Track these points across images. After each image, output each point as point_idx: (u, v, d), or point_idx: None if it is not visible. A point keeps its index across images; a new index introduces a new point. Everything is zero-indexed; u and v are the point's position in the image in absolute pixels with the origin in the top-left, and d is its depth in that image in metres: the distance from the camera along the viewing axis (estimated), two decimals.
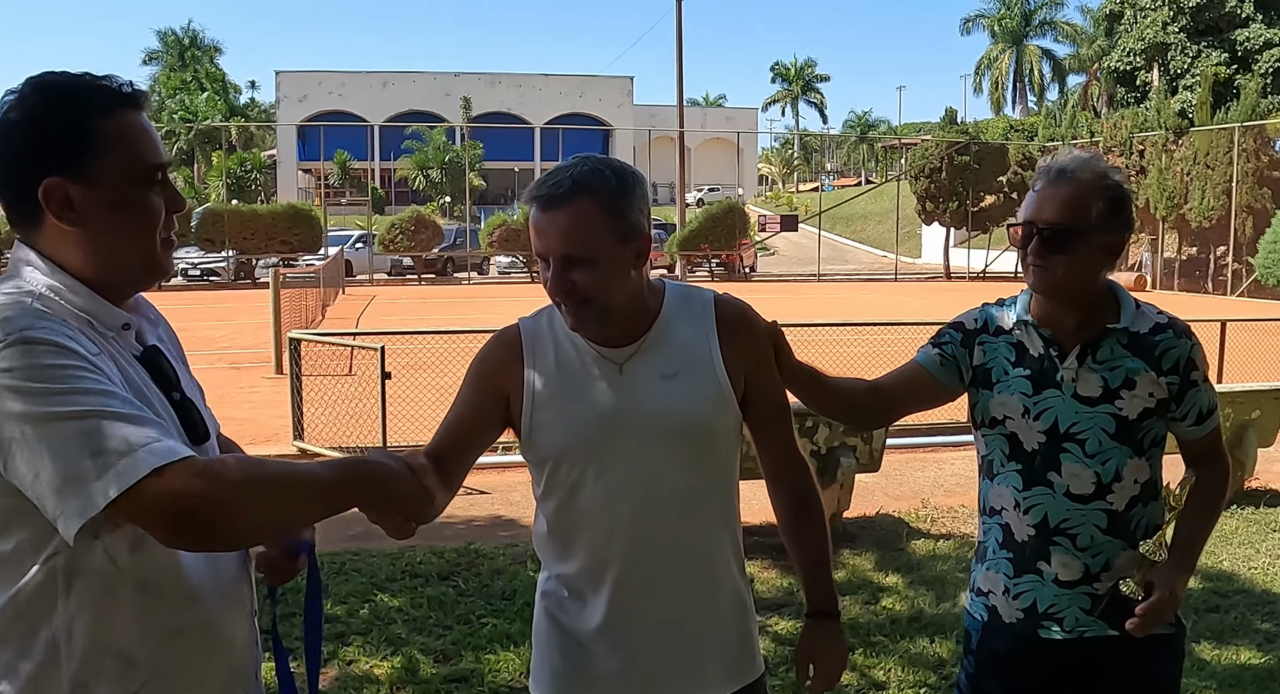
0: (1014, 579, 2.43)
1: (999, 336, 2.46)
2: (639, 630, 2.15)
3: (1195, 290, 34.26)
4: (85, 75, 1.67)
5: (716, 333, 2.18)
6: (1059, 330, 2.39)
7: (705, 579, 2.19)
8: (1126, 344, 2.35)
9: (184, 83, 61.36)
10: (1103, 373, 2.35)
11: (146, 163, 1.67)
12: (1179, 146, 34.43)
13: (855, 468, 6.65)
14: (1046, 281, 2.34)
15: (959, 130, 43.13)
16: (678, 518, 2.13)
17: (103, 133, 1.62)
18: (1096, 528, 2.35)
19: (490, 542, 6.41)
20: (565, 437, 2.11)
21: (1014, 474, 2.41)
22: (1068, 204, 2.30)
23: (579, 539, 2.15)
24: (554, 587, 2.21)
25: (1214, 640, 4.89)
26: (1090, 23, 57.24)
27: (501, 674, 4.49)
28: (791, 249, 49.81)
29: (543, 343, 2.16)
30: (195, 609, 1.70)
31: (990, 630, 2.49)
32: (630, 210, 2.03)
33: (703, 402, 2.13)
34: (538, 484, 2.20)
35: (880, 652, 4.77)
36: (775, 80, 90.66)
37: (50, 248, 1.65)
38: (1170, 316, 2.41)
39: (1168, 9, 40.59)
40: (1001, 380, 2.43)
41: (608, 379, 2.12)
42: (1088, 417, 2.34)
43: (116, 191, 1.64)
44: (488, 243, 39.24)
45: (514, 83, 63.04)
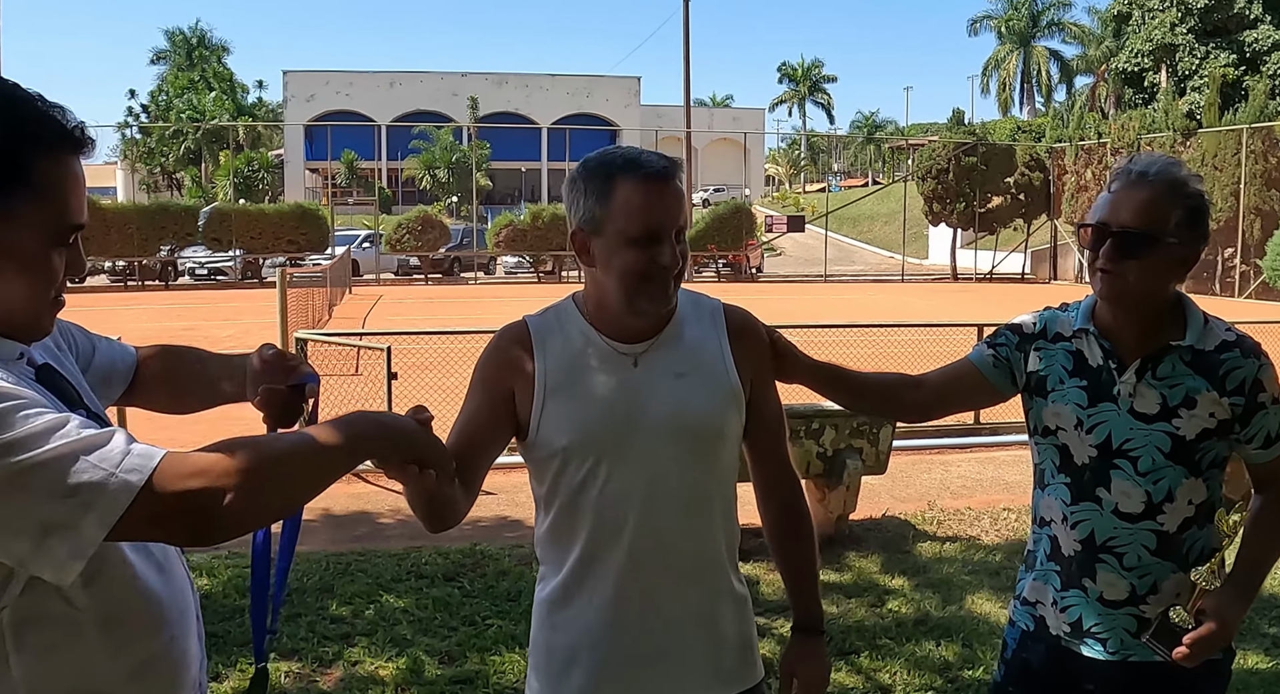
0: (1061, 592, 2.37)
1: (1057, 343, 2.39)
2: (641, 632, 2.13)
3: (1203, 292, 34.14)
4: (39, 100, 1.52)
5: (727, 336, 2.19)
6: (1121, 342, 2.30)
7: (709, 581, 2.18)
8: (1189, 362, 2.25)
9: (192, 82, 61.37)
10: (1162, 390, 2.25)
11: (68, 220, 1.54)
12: (1187, 148, 34.31)
13: (861, 470, 6.63)
14: (1115, 288, 2.24)
15: (966, 131, 43.07)
16: (685, 519, 2.12)
17: (38, 175, 1.48)
18: (1145, 548, 2.26)
19: (496, 543, 6.40)
20: (576, 431, 2.08)
21: (1063, 487, 2.34)
22: (1145, 208, 2.19)
23: (584, 537, 2.12)
24: (553, 592, 2.17)
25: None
26: (1098, 24, 57.11)
27: (506, 676, 4.49)
28: (798, 250, 49.79)
29: (553, 338, 2.14)
30: (161, 634, 1.63)
31: (1031, 641, 2.43)
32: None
33: (715, 402, 2.13)
34: (541, 481, 2.17)
35: (886, 655, 4.76)
36: (782, 81, 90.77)
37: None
38: (1240, 334, 2.29)
39: (1176, 10, 40.48)
40: (1057, 389, 2.35)
41: (621, 374, 2.11)
42: (1143, 434, 2.25)
43: (25, 241, 1.49)
44: (494, 243, 39.28)
45: (521, 83, 63.06)
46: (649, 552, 2.10)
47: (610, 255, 2.05)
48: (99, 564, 1.46)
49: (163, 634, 1.63)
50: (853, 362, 9.26)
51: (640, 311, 2.08)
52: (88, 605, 1.52)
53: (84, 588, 1.49)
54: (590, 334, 2.13)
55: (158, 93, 61.18)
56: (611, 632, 2.13)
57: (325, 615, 5.13)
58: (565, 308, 2.18)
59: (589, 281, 2.16)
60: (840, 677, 4.53)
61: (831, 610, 5.18)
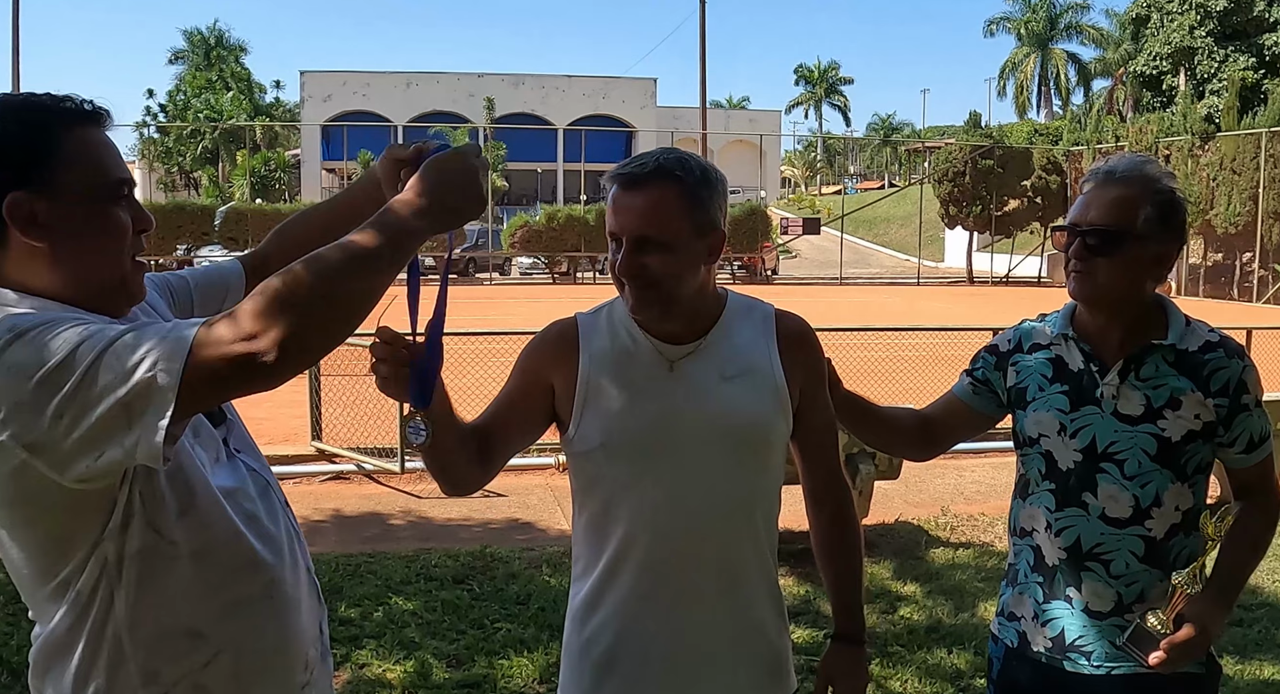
0: (1044, 605, 2.33)
1: (1034, 353, 2.37)
2: (679, 638, 2.11)
3: (1221, 297, 33.98)
4: (45, 94, 1.65)
5: (777, 343, 2.17)
6: (1101, 345, 2.28)
7: (746, 587, 2.15)
8: (1173, 362, 2.23)
9: (209, 82, 61.53)
10: (1146, 391, 2.23)
11: (112, 176, 1.64)
12: (1205, 152, 34.16)
13: (874, 475, 6.59)
14: (1085, 288, 2.23)
15: (983, 134, 42.89)
16: (728, 524, 2.11)
17: (65, 146, 1.60)
18: (1133, 554, 2.22)
19: (506, 545, 6.38)
20: (614, 430, 2.07)
21: (1047, 494, 2.31)
22: (1113, 206, 2.20)
23: (619, 537, 2.10)
24: (587, 592, 2.15)
25: (1237, 655, 4.82)
26: (1116, 26, 56.91)
27: (514, 680, 4.46)
28: (814, 252, 49.71)
29: (598, 336, 2.14)
30: (258, 576, 1.70)
31: (1015, 658, 2.40)
32: (710, 205, 2.04)
33: (763, 406, 2.12)
34: (580, 478, 2.16)
35: (897, 662, 4.72)
36: (799, 83, 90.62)
37: (19, 271, 1.60)
38: (1223, 335, 2.29)
39: (1194, 13, 40.27)
40: (1037, 397, 2.33)
41: (664, 376, 2.10)
42: (1128, 436, 2.22)
43: (82, 204, 1.60)
44: (510, 244, 39.29)
45: (537, 84, 63.02)
46: (693, 555, 2.08)
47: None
48: (189, 496, 1.60)
49: (260, 575, 1.70)
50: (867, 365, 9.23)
51: (633, 313, 2.09)
52: (181, 539, 1.61)
53: (177, 520, 1.60)
54: (635, 334, 2.12)
55: (175, 92, 61.32)
56: (644, 635, 2.11)
57: (334, 617, 5.10)
58: (616, 306, 2.17)
59: None
60: None
61: None
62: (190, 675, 1.66)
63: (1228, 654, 4.81)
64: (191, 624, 1.65)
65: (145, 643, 1.62)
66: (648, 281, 2.01)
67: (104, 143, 1.65)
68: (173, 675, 1.64)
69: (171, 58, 67.81)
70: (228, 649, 1.68)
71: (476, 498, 8.01)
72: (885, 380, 10.74)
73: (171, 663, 1.64)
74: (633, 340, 2.12)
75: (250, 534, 1.69)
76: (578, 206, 42.14)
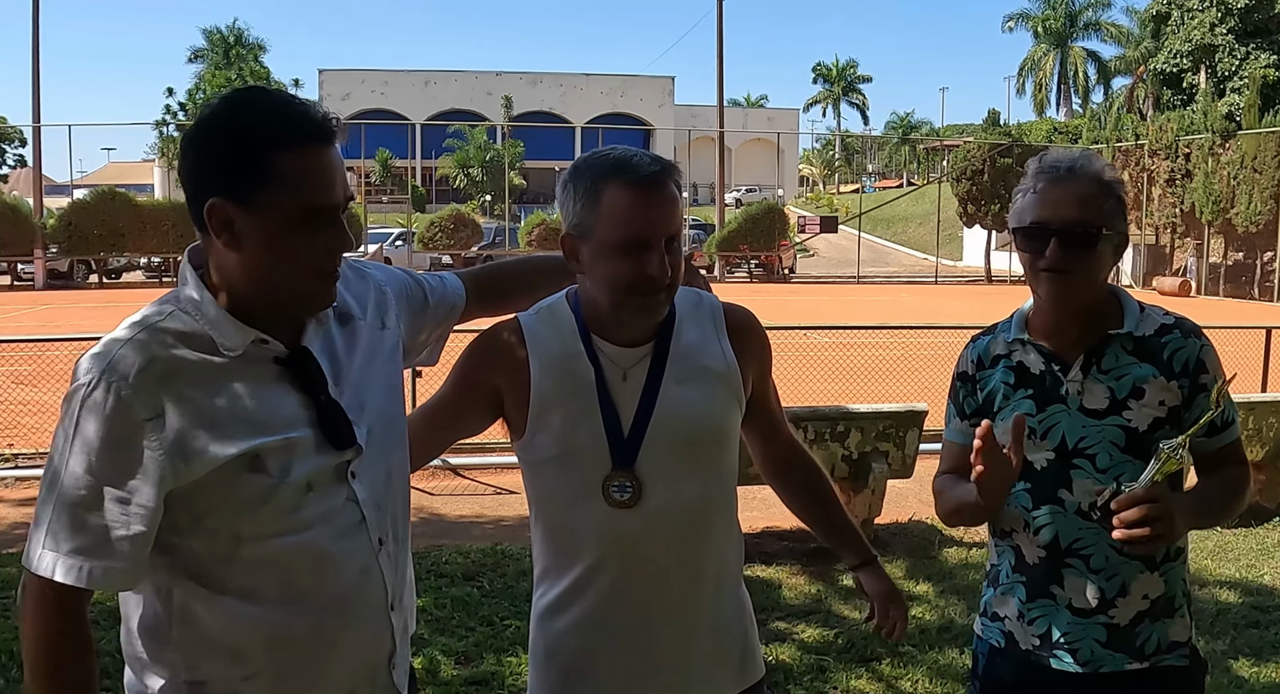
0: (1028, 604, 2.31)
1: (994, 366, 2.35)
2: (647, 642, 2.10)
3: (1241, 296, 33.75)
4: (289, 100, 1.70)
5: (728, 336, 2.14)
6: (1060, 342, 2.26)
7: (713, 588, 2.15)
8: (1132, 350, 2.22)
9: (229, 81, 61.60)
10: (1109, 383, 2.21)
11: (313, 204, 1.67)
12: (1226, 150, 33.91)
13: (888, 473, 6.57)
14: (1069, 289, 2.19)
15: (1001, 132, 42.80)
16: (692, 528, 2.09)
17: (276, 168, 1.63)
18: (1111, 548, 2.19)
19: (518, 543, 6.36)
20: (574, 440, 2.04)
21: (1023, 493, 2.28)
22: (1081, 202, 2.16)
23: (589, 546, 2.08)
24: (554, 601, 2.14)
25: (1253, 657, 4.77)
26: (1136, 24, 56.55)
27: (522, 678, 4.44)
28: (831, 251, 49.58)
29: (547, 340, 2.08)
30: (303, 618, 1.74)
31: (1000, 656, 2.38)
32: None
33: (718, 407, 2.11)
34: (537, 487, 2.14)
35: (908, 662, 4.68)
36: (817, 81, 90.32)
37: (216, 259, 1.71)
38: (1178, 317, 2.28)
39: (1215, 10, 39.99)
40: (1004, 406, 2.31)
41: (618, 384, 2.05)
42: (1096, 430, 2.21)
43: (276, 226, 1.65)
44: (526, 242, 39.33)
45: (555, 82, 63.13)
46: (650, 561, 2.07)
47: (597, 263, 1.98)
48: (234, 545, 1.69)
49: (303, 619, 1.74)
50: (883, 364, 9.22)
51: (628, 323, 2.04)
52: (227, 575, 1.70)
53: (224, 564, 1.70)
54: (587, 339, 2.07)
55: (195, 91, 61.46)
56: (616, 641, 2.10)
57: None
58: (559, 308, 2.12)
59: (581, 286, 2.10)
60: (861, 684, 4.47)
61: (854, 616, 5.12)
62: (224, 680, 1.75)
63: (1244, 656, 4.77)
64: (232, 645, 1.73)
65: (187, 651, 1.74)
66: (671, 283, 1.98)
67: (321, 165, 1.68)
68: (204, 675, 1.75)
69: (191, 56, 68.05)
70: (265, 673, 1.75)
71: (488, 495, 8.02)
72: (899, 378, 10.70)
73: (215, 670, 1.74)
74: (583, 346, 2.07)
75: (307, 575, 1.74)
76: None
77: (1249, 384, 10.87)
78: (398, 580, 1.88)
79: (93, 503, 1.61)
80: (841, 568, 6.04)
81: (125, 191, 37.40)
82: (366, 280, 1.98)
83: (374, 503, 1.82)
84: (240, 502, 1.68)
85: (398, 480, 1.91)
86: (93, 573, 1.61)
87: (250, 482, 1.67)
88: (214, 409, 1.66)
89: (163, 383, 1.63)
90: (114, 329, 1.70)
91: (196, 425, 1.63)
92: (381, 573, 1.83)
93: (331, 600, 1.76)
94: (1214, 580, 5.84)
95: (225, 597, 1.70)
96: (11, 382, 11.58)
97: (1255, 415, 7.36)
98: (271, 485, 1.68)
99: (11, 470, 8.42)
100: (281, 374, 1.73)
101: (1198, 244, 35.94)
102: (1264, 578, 5.94)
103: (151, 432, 1.61)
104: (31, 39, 34.06)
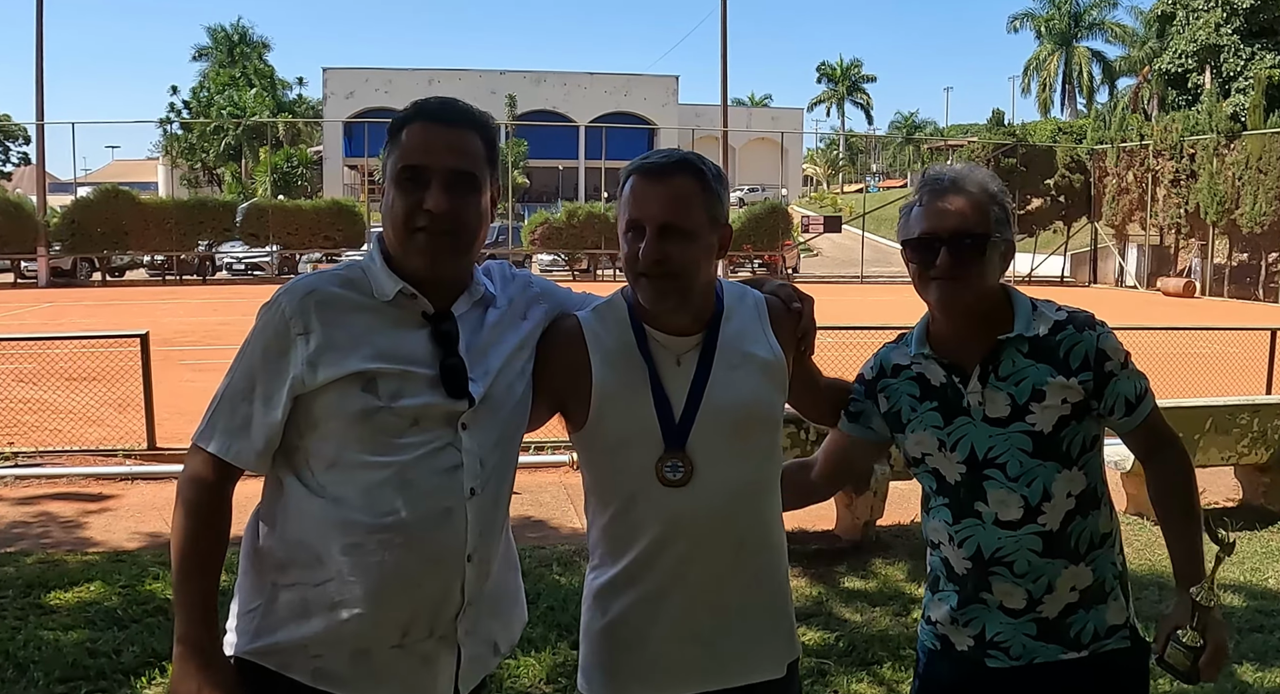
0: (959, 610, 2.36)
1: (899, 375, 2.39)
2: (702, 621, 2.19)
3: (1246, 298, 33.69)
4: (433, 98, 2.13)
5: (770, 323, 2.25)
6: (958, 353, 2.29)
7: (765, 568, 2.25)
8: (1028, 352, 2.25)
9: (233, 79, 61.81)
10: (1008, 389, 2.24)
11: (401, 163, 2.03)
12: (1231, 150, 33.86)
13: (890, 475, 6.53)
14: (963, 296, 2.24)
15: (1006, 132, 42.70)
16: (747, 506, 2.19)
17: (394, 139, 2.05)
18: (1032, 552, 2.25)
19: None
20: (635, 426, 2.14)
21: (944, 509, 2.34)
22: (971, 211, 2.23)
23: (648, 529, 2.16)
24: (609, 579, 2.22)
25: (1258, 662, 4.73)
26: (1141, 24, 56.45)
27: (521, 680, 4.42)
28: (835, 250, 49.56)
29: (604, 335, 2.19)
30: (378, 534, 1.97)
31: (938, 658, 2.42)
32: (723, 200, 2.16)
33: (767, 392, 2.21)
34: (597, 474, 2.23)
35: (909, 665, 4.63)
36: (821, 80, 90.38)
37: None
38: (1071, 311, 2.30)
39: (1220, 10, 39.92)
40: (911, 419, 2.35)
41: (673, 370, 2.17)
42: (1003, 439, 2.24)
43: (385, 183, 2.07)
44: (529, 241, 39.33)
45: (559, 81, 63.08)
46: (707, 540, 2.16)
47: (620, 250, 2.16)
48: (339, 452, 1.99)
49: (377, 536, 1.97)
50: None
51: (647, 307, 2.14)
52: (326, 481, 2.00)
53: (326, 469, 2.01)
54: (642, 330, 2.18)
55: (199, 89, 61.62)
56: (674, 623, 2.19)
57: None
58: (615, 303, 2.24)
59: None
60: (862, 687, 4.44)
61: (855, 618, 5.09)
62: (302, 587, 2.01)
63: (1248, 661, 4.73)
64: (314, 545, 1.99)
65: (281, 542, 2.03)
66: (668, 270, 2.08)
67: (421, 137, 2.03)
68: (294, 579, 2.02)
69: (196, 54, 68.18)
70: (338, 580, 1.98)
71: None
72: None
73: (298, 568, 2.01)
74: (639, 337, 2.18)
75: (391, 497, 1.98)
76: (599, 204, 42.16)
77: (1253, 386, 10.83)
78: (483, 537, 2.06)
79: (247, 395, 2.01)
80: (842, 570, 6.01)
81: (128, 189, 37.43)
82: (518, 281, 2.27)
83: (476, 456, 2.04)
84: (349, 415, 1.97)
85: (506, 450, 2.12)
86: (233, 449, 2.00)
87: (360, 399, 1.97)
88: (352, 336, 1.99)
89: (318, 309, 2.00)
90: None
91: (333, 346, 1.98)
92: (467, 520, 2.02)
93: (408, 526, 1.98)
94: (1218, 585, 5.79)
95: (322, 499, 1.99)
96: (13, 379, 11.57)
97: (1260, 418, 7.32)
98: (377, 407, 1.97)
99: (11, 469, 8.38)
100: (423, 326, 2.05)
101: (1202, 245, 35.89)
102: (1269, 582, 5.90)
103: (300, 345, 1.98)
104: (35, 36, 34.08)
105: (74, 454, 8.93)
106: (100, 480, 8.19)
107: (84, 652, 4.61)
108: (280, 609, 2.02)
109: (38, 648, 4.64)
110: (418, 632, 2.04)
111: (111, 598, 5.32)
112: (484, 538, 2.06)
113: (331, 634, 2.00)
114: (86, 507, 7.46)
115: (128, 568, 5.78)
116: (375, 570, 1.97)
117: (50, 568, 5.82)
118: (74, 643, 4.71)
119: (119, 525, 6.97)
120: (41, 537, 6.71)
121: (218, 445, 2.00)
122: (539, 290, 2.28)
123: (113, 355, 10.52)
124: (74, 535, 6.79)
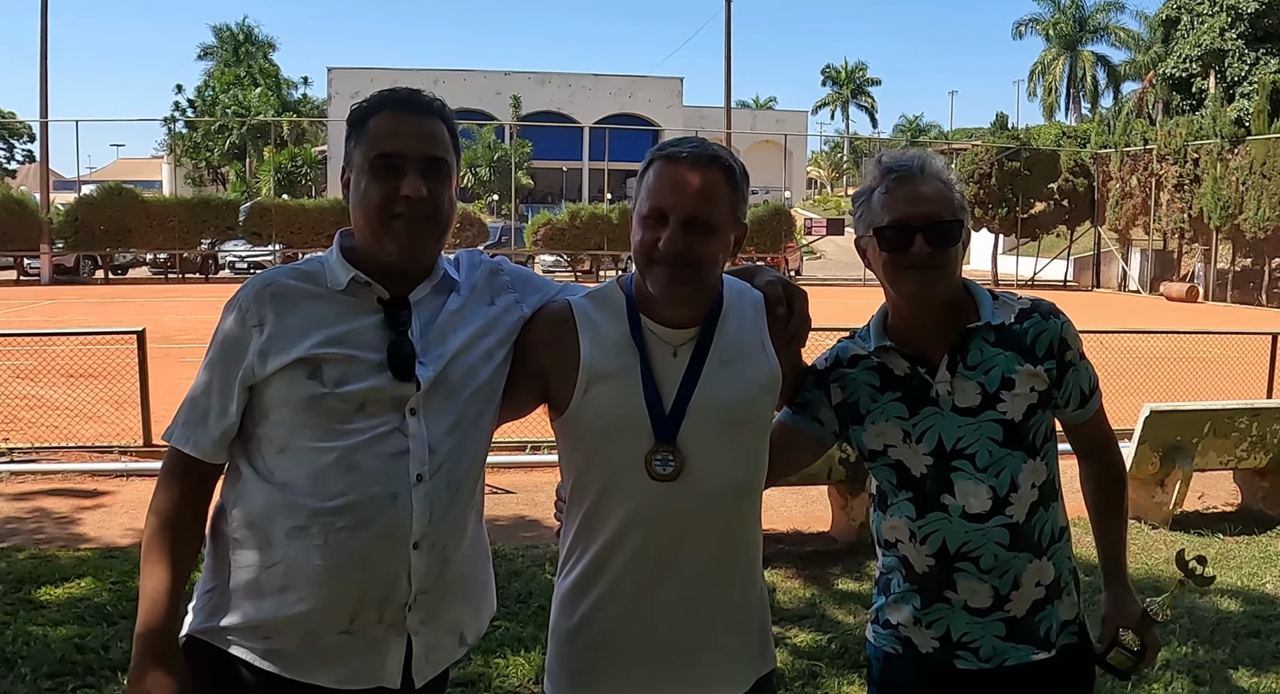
0: (923, 610, 2.29)
1: (856, 366, 2.33)
2: (676, 620, 2.15)
3: (1249, 302, 33.62)
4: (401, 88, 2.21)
5: (766, 324, 2.22)
6: (922, 344, 2.24)
7: (742, 570, 2.20)
8: (995, 340, 2.22)
9: (238, 78, 61.75)
10: (977, 378, 2.20)
11: (374, 151, 2.04)
12: (1235, 155, 33.77)
13: None
14: (938, 285, 2.19)
15: (1010, 136, 42.61)
16: (728, 505, 2.14)
17: (362, 129, 2.08)
18: (999, 545, 2.20)
19: (511, 542, 6.32)
20: (622, 413, 2.09)
21: (906, 504, 2.27)
22: (939, 198, 2.19)
23: (621, 521, 2.11)
24: (578, 577, 2.17)
25: (1253, 667, 4.70)
26: (1146, 29, 56.39)
27: (510, 679, 4.40)
28: (838, 253, 49.46)
29: (599, 321, 2.15)
30: (322, 517, 1.99)
31: (900, 661, 2.34)
32: (745, 198, 2.15)
33: (758, 390, 2.17)
34: (576, 460, 2.17)
35: None
36: (826, 83, 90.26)
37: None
38: (1034, 299, 2.28)
39: (1225, 15, 39.86)
40: (871, 409, 2.29)
41: (665, 361, 2.12)
42: (973, 429, 2.20)
43: (354, 174, 2.08)
44: (532, 241, 39.30)
45: (564, 82, 63.07)
46: (684, 537, 2.12)
47: (632, 234, 2.12)
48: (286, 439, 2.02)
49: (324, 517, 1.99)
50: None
51: (654, 296, 2.10)
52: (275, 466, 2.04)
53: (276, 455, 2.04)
54: (638, 319, 2.14)
55: (204, 88, 61.58)
56: (646, 621, 2.14)
57: None
58: (610, 290, 2.21)
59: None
60: (853, 690, 4.40)
61: (849, 620, 5.06)
62: (254, 568, 2.03)
63: (1244, 666, 4.70)
64: (264, 529, 2.02)
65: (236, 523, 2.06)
66: (688, 262, 2.04)
67: (393, 125, 2.07)
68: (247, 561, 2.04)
69: (201, 53, 68.13)
70: (285, 563, 2.00)
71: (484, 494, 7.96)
72: None
73: (251, 549, 2.03)
74: (635, 326, 2.14)
75: (336, 481, 1.99)
76: (601, 205, 42.11)
77: (1254, 390, 10.80)
78: (434, 523, 2.04)
79: (206, 389, 2.05)
80: (837, 571, 5.99)
81: (132, 187, 37.41)
82: (485, 267, 2.25)
83: (424, 441, 2.03)
84: (296, 403, 2.00)
85: (466, 435, 2.10)
86: (191, 439, 2.05)
87: (306, 386, 1.99)
88: (302, 325, 2.02)
89: (273, 300, 2.04)
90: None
91: (283, 335, 2.01)
92: (413, 506, 2.01)
93: (352, 510, 1.99)
94: (1215, 589, 5.76)
95: (270, 484, 2.02)
96: (11, 375, 11.55)
97: (1260, 422, 7.29)
98: (322, 393, 1.99)
99: (7, 465, 8.37)
100: (377, 311, 2.06)
101: (1206, 250, 35.81)
102: (1266, 586, 5.87)
103: (255, 336, 2.01)
104: (40, 34, 34.10)
105: (70, 450, 8.93)
106: (95, 476, 8.20)
107: (72, 647, 4.60)
108: (235, 591, 2.05)
109: (26, 643, 4.63)
110: (366, 617, 2.04)
111: (102, 594, 5.31)
112: (435, 525, 2.04)
113: (282, 617, 2.02)
114: (81, 503, 7.47)
115: (119, 564, 5.77)
116: (318, 554, 1.99)
117: (42, 563, 5.82)
118: (62, 638, 4.70)
119: (113, 521, 6.97)
120: (35, 532, 6.71)
121: (179, 438, 2.07)
122: (509, 279, 2.25)
123: (111, 352, 10.50)
124: (67, 531, 6.79)
